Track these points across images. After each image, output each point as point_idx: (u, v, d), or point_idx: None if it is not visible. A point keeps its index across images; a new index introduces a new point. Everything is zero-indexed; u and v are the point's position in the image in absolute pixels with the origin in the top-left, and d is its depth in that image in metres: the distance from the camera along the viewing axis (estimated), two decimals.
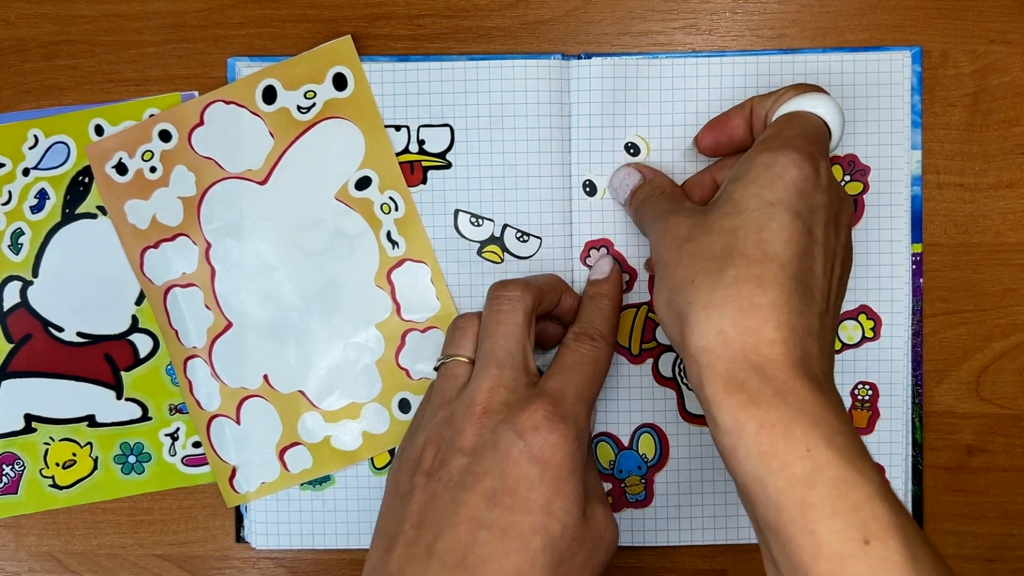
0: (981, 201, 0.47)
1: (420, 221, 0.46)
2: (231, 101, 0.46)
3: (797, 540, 0.30)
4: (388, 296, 0.46)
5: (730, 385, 0.32)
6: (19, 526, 0.48)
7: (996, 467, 0.47)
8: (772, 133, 0.38)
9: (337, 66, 0.46)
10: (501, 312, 0.40)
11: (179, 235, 0.46)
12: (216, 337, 0.46)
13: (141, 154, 0.46)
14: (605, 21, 0.47)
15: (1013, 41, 0.47)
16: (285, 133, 0.46)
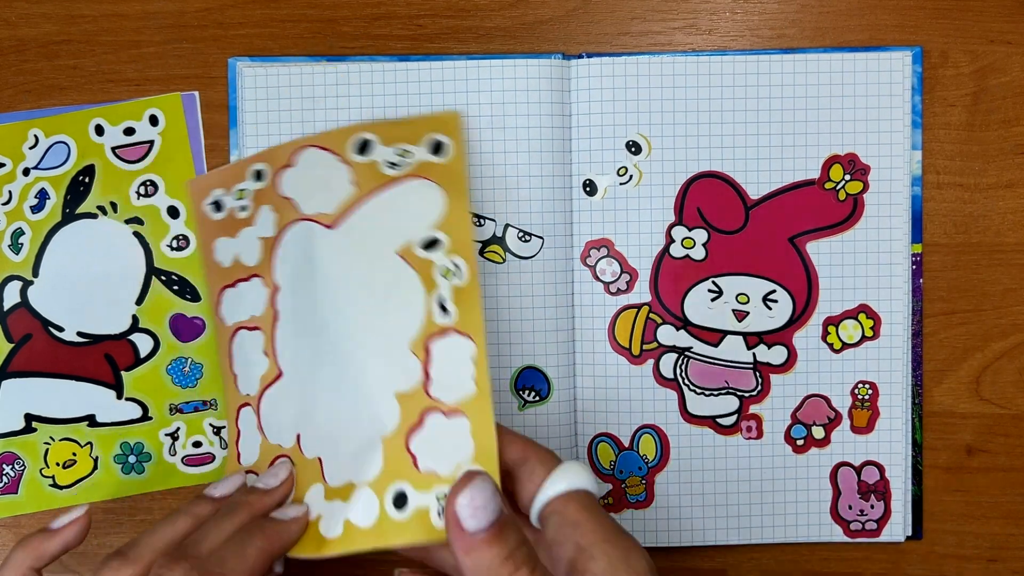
0: (981, 201, 0.47)
1: (480, 296, 0.40)
2: (325, 147, 0.44)
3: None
4: (420, 366, 0.40)
5: None
6: (19, 526, 0.48)
7: (996, 467, 0.47)
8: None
9: (439, 134, 0.43)
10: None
11: (254, 276, 0.44)
12: (267, 386, 0.43)
13: (236, 192, 0.45)
14: (605, 21, 0.47)
15: (1013, 41, 0.47)
16: (368, 184, 0.42)
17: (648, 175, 0.46)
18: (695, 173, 0.46)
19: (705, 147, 0.46)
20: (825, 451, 0.47)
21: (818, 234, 0.46)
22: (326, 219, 0.42)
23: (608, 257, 0.47)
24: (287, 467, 0.41)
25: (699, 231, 0.47)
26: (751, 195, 0.46)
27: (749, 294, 0.47)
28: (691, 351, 0.47)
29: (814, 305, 0.47)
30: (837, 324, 0.47)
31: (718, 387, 0.47)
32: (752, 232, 0.46)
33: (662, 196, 0.46)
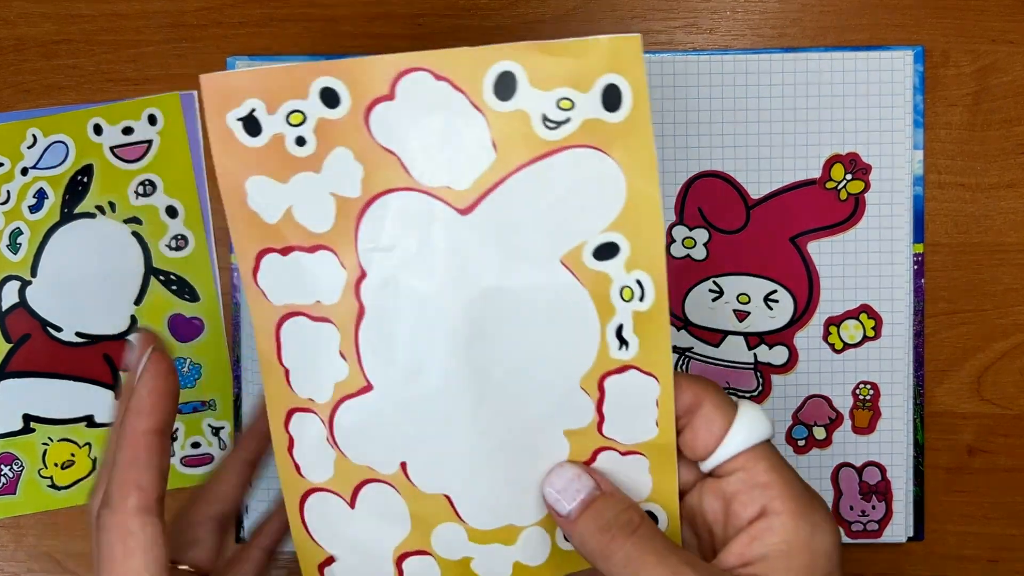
0: (983, 201, 0.47)
1: (668, 322, 0.32)
2: (443, 76, 0.30)
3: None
4: (593, 404, 0.33)
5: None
6: (18, 526, 0.48)
7: (997, 467, 0.47)
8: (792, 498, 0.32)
9: (611, 74, 0.30)
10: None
11: (321, 247, 0.31)
12: (346, 397, 0.33)
13: (288, 114, 0.30)
14: (605, 20, 0.47)
15: (1015, 40, 0.46)
16: (516, 149, 0.30)
17: None
18: (696, 172, 0.46)
19: (706, 146, 0.46)
20: (826, 452, 0.47)
21: (819, 234, 0.46)
22: (457, 199, 0.31)
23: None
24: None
25: (700, 231, 0.46)
26: (752, 195, 0.46)
27: (750, 294, 0.46)
28: (692, 351, 0.47)
29: (815, 305, 0.47)
30: (838, 324, 0.47)
31: None
32: (753, 232, 0.46)
33: (663, 195, 0.46)
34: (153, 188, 0.48)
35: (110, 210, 0.47)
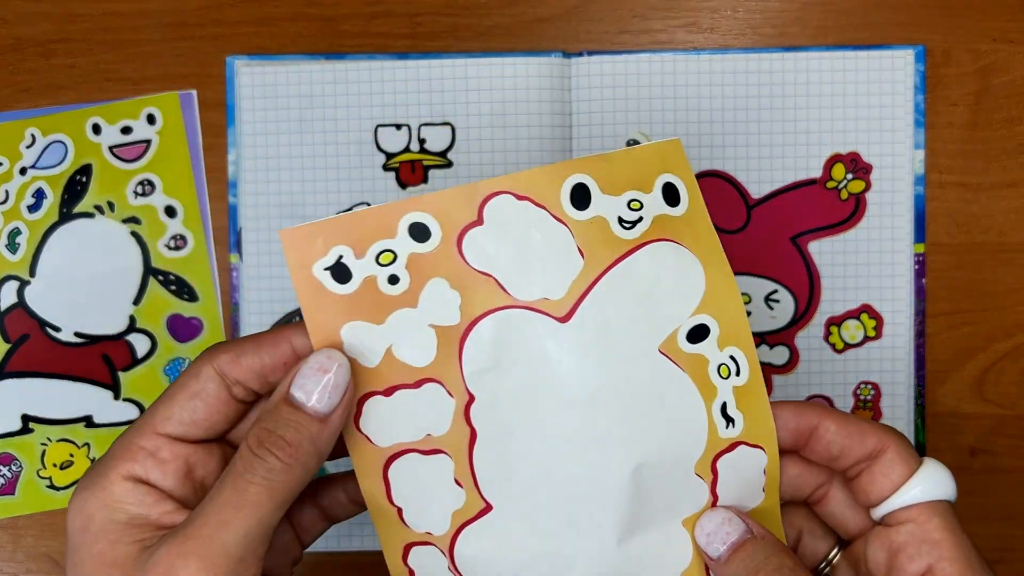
0: (984, 201, 0.47)
1: (765, 390, 0.33)
2: (524, 196, 0.31)
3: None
4: (707, 488, 0.33)
5: None
6: (16, 527, 0.48)
7: (999, 468, 0.47)
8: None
9: (666, 174, 0.33)
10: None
11: (426, 380, 0.31)
12: (465, 524, 0.32)
13: (377, 255, 0.30)
14: (606, 19, 0.47)
15: (1016, 40, 0.46)
16: (600, 253, 0.32)
17: None
18: (696, 172, 0.46)
19: (706, 146, 0.46)
20: None
21: (820, 233, 0.46)
22: (555, 308, 0.31)
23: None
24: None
25: None
26: (753, 194, 0.46)
27: (751, 294, 0.46)
28: None
29: (816, 305, 0.46)
30: (839, 324, 0.46)
31: None
32: (754, 232, 0.46)
33: None
34: (152, 188, 0.48)
35: (109, 210, 0.47)
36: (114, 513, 0.28)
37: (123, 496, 0.29)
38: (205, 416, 0.30)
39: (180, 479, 0.29)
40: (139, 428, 0.30)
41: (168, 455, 0.29)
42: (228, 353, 0.30)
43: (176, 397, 0.30)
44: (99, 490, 0.29)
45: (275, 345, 0.30)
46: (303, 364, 0.29)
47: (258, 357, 0.30)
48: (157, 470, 0.29)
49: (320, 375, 0.29)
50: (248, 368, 0.30)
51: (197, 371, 0.30)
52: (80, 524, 0.28)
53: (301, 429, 0.28)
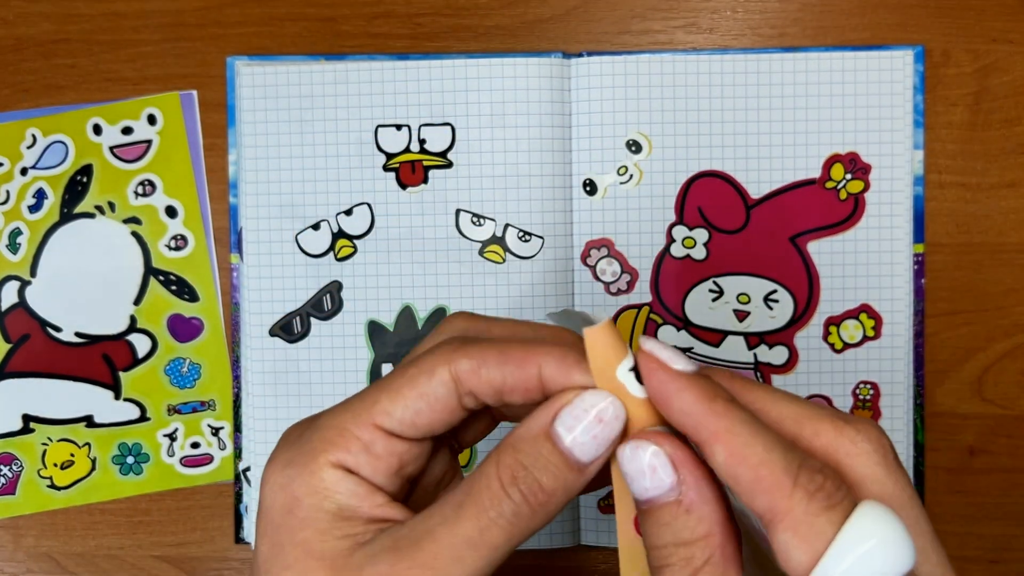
0: (983, 201, 0.47)
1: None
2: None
3: None
4: None
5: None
6: (17, 527, 0.48)
7: (998, 468, 0.47)
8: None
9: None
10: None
11: None
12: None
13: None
14: (606, 20, 0.47)
15: (1015, 40, 0.46)
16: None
17: (648, 174, 0.46)
18: (696, 172, 0.46)
19: (706, 146, 0.46)
20: None
21: (819, 233, 0.46)
22: None
23: (608, 257, 0.46)
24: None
25: (700, 231, 0.46)
26: (752, 194, 0.46)
27: (750, 294, 0.46)
28: (692, 352, 0.47)
29: (815, 305, 0.46)
30: (838, 324, 0.46)
31: None
32: (753, 232, 0.46)
33: (663, 195, 0.46)
34: (152, 188, 0.48)
35: (109, 210, 0.47)
36: (323, 501, 0.26)
37: (333, 484, 0.26)
38: (428, 420, 0.27)
39: (391, 476, 0.27)
40: (356, 415, 0.27)
41: (382, 451, 0.27)
42: (470, 361, 0.26)
43: (403, 392, 0.27)
44: (307, 473, 0.26)
45: (522, 365, 0.26)
46: (577, 400, 0.25)
47: (500, 373, 0.26)
48: (369, 465, 0.27)
49: (595, 423, 0.25)
50: (487, 382, 0.27)
51: (431, 369, 0.27)
52: (283, 503, 0.26)
53: (559, 476, 0.25)
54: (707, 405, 0.24)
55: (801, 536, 0.22)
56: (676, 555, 0.24)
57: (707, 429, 0.23)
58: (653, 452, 0.24)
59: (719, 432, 0.23)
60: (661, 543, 0.24)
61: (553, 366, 0.26)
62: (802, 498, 0.22)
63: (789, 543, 0.22)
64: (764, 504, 0.22)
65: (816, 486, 0.23)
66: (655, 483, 0.24)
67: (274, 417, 0.47)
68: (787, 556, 0.22)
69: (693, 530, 0.24)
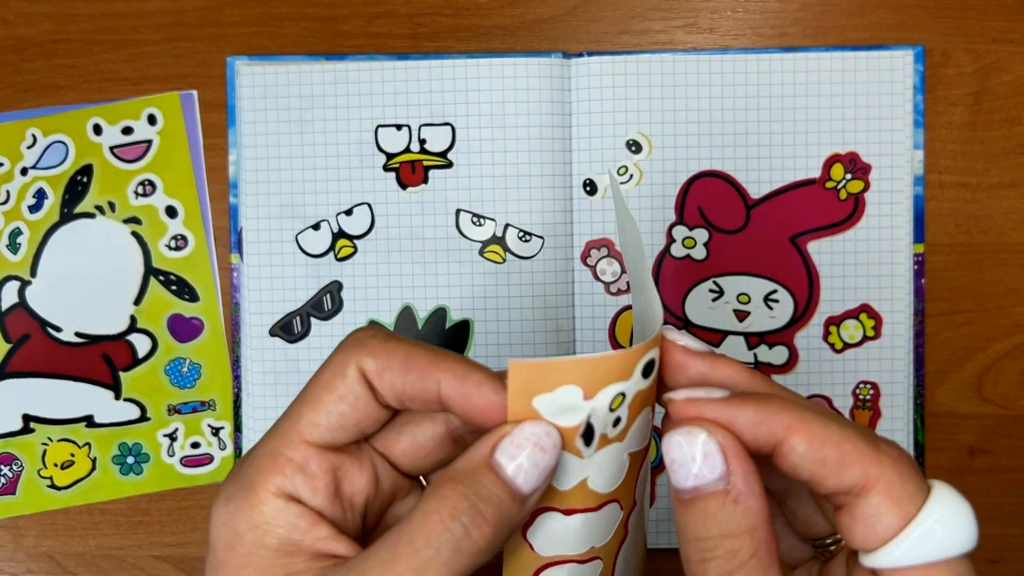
0: (983, 201, 0.47)
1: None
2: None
3: None
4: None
5: None
6: (17, 527, 0.48)
7: (998, 468, 0.47)
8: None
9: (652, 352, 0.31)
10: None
11: (609, 502, 0.30)
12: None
13: (610, 399, 0.27)
14: (606, 19, 0.47)
15: (1015, 40, 0.46)
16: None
17: (648, 174, 0.46)
18: (696, 172, 0.46)
19: (706, 146, 0.46)
20: None
21: (819, 233, 0.46)
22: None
23: (608, 257, 0.46)
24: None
25: (700, 231, 0.46)
26: (752, 194, 0.46)
27: (750, 294, 0.46)
28: None
29: (815, 305, 0.46)
30: (838, 324, 0.46)
31: None
32: (753, 232, 0.46)
33: (663, 195, 0.46)
34: (153, 188, 0.48)
35: (110, 210, 0.47)
36: (264, 536, 0.26)
37: (274, 517, 0.26)
38: (354, 421, 0.27)
39: (330, 497, 0.27)
40: (285, 435, 0.27)
41: (316, 468, 0.27)
42: (374, 360, 0.27)
43: (323, 399, 0.27)
44: (247, 507, 0.26)
45: (422, 380, 0.26)
46: (516, 431, 0.25)
47: (401, 382, 0.27)
48: (307, 486, 0.26)
49: (534, 450, 0.25)
50: (389, 386, 0.27)
51: (343, 370, 0.27)
52: (226, 541, 0.26)
53: (503, 508, 0.25)
54: (768, 408, 0.24)
55: (894, 498, 0.23)
56: (722, 547, 0.24)
57: (782, 424, 0.24)
58: (706, 439, 0.24)
59: (793, 424, 0.24)
60: (705, 535, 0.24)
61: (451, 385, 0.26)
62: (891, 464, 0.23)
63: (881, 506, 0.23)
64: (855, 475, 0.23)
65: (897, 454, 0.24)
66: (705, 471, 0.24)
67: (274, 417, 0.47)
68: (876, 520, 0.23)
69: (740, 522, 0.24)
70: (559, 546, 0.30)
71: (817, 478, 0.24)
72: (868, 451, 0.24)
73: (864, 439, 0.24)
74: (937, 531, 0.23)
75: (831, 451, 0.24)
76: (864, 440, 0.24)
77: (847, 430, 0.24)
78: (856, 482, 0.24)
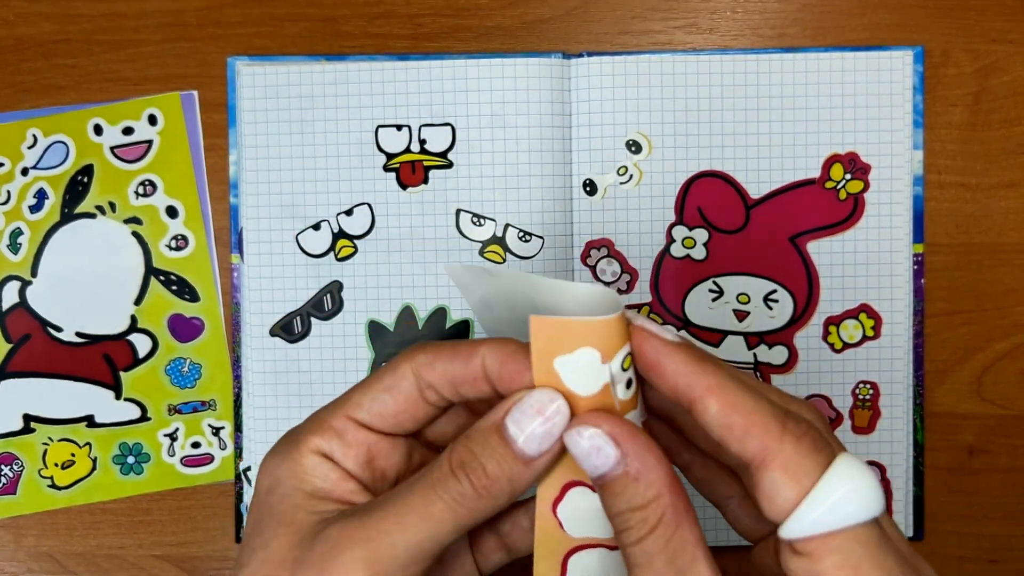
0: (983, 201, 0.47)
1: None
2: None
3: None
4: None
5: None
6: (18, 526, 0.48)
7: (997, 468, 0.47)
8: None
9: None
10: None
11: None
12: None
13: (623, 359, 0.28)
14: (606, 20, 0.47)
15: (1015, 40, 0.46)
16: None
17: (648, 174, 0.46)
18: (695, 172, 0.46)
19: (706, 146, 0.46)
20: None
21: (819, 233, 0.46)
22: None
23: (608, 257, 0.46)
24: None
25: (700, 231, 0.46)
26: (752, 194, 0.46)
27: (750, 294, 0.46)
28: None
29: (815, 305, 0.47)
30: (838, 324, 0.46)
31: None
32: (753, 232, 0.46)
33: (662, 196, 0.46)
34: (153, 188, 0.48)
35: (110, 210, 0.47)
36: (301, 482, 0.29)
37: (312, 469, 0.30)
38: (393, 412, 0.30)
39: (361, 464, 0.30)
40: (333, 408, 0.30)
41: (352, 439, 0.30)
42: (426, 355, 0.30)
43: (371, 387, 0.30)
44: (289, 459, 0.30)
45: (468, 359, 0.29)
46: (524, 397, 0.28)
47: (452, 366, 0.29)
48: (340, 450, 0.30)
49: (537, 416, 0.28)
50: (442, 375, 0.29)
51: (396, 366, 0.30)
52: (268, 484, 0.30)
53: (504, 465, 0.28)
54: (697, 365, 0.26)
55: (790, 474, 0.25)
56: (633, 519, 0.26)
57: (700, 384, 0.26)
58: (593, 433, 0.27)
59: (712, 387, 0.26)
60: (617, 510, 0.27)
61: (492, 357, 0.29)
62: (791, 441, 0.25)
63: (778, 480, 0.25)
64: (756, 447, 0.25)
65: (802, 431, 0.25)
66: (601, 460, 0.27)
67: (274, 417, 0.47)
68: (775, 494, 0.25)
69: (643, 495, 0.26)
70: (588, 526, 0.30)
71: (724, 443, 0.26)
72: (773, 425, 0.25)
73: (774, 414, 0.26)
74: (834, 502, 0.24)
75: (738, 419, 0.26)
76: (773, 415, 0.26)
77: (760, 403, 0.26)
78: (756, 454, 0.25)
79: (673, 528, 0.26)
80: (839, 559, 0.25)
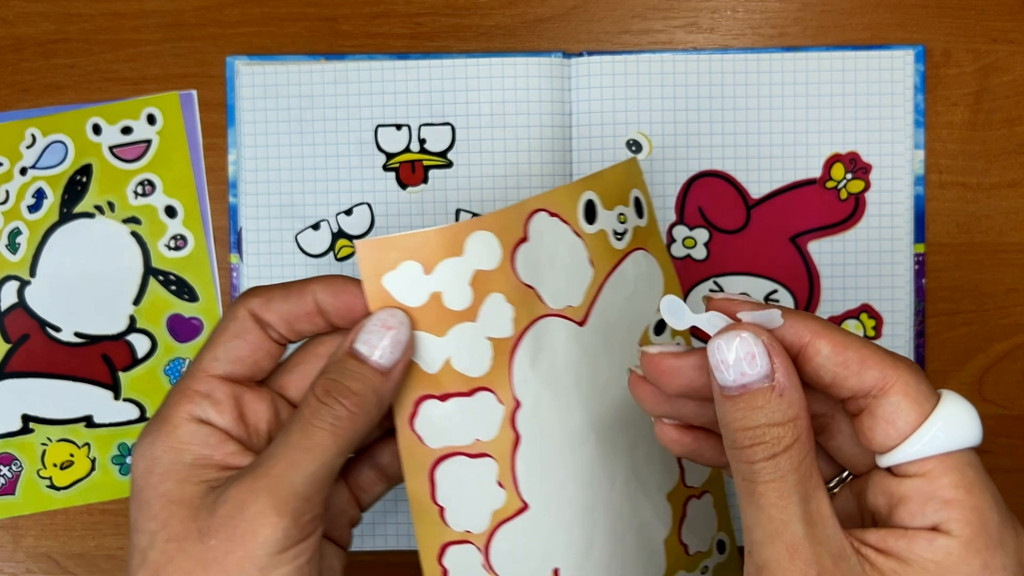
0: (984, 201, 0.47)
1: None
2: (554, 213, 0.34)
3: None
4: (675, 460, 0.39)
5: None
6: (16, 527, 0.48)
7: (998, 468, 0.47)
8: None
9: (634, 189, 0.38)
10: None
11: (480, 389, 0.33)
12: (503, 522, 0.34)
13: (446, 272, 0.31)
14: (606, 19, 0.47)
15: (1016, 40, 0.46)
16: (602, 263, 0.36)
17: (648, 174, 0.46)
18: (696, 172, 0.46)
19: (706, 146, 0.46)
20: None
21: (820, 233, 0.46)
22: (576, 314, 0.35)
23: None
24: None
25: (700, 230, 0.46)
26: (752, 194, 0.46)
27: (750, 294, 0.46)
28: None
29: (816, 305, 0.46)
30: (839, 324, 0.46)
31: None
32: (753, 231, 0.46)
33: (663, 195, 0.46)
34: (152, 188, 0.48)
35: (109, 210, 0.47)
36: (180, 455, 0.30)
37: (188, 437, 0.30)
38: (248, 353, 0.32)
39: (235, 419, 0.31)
40: (191, 374, 0.31)
41: (221, 395, 0.31)
42: (259, 298, 0.32)
43: (219, 339, 0.31)
44: (164, 434, 0.30)
45: (300, 296, 0.31)
46: (368, 320, 0.30)
47: (285, 305, 0.31)
48: (213, 410, 0.31)
49: (383, 331, 0.30)
50: (276, 313, 0.31)
51: (234, 314, 0.32)
52: (145, 467, 0.30)
53: (365, 380, 0.30)
54: (800, 316, 0.28)
55: (912, 398, 0.27)
56: (769, 434, 0.27)
57: (808, 329, 0.28)
58: (752, 340, 0.27)
59: (820, 331, 0.28)
60: (753, 424, 0.27)
61: (323, 291, 0.31)
62: (907, 369, 0.27)
63: (901, 404, 0.27)
64: (874, 376, 0.27)
65: (910, 362, 0.28)
66: (754, 369, 0.27)
67: None
68: (896, 417, 0.27)
69: (784, 412, 0.27)
70: (443, 435, 0.33)
71: (839, 379, 0.28)
72: (885, 356, 0.27)
73: (882, 349, 0.28)
74: (953, 423, 0.27)
75: (852, 354, 0.27)
76: (882, 350, 0.28)
77: (865, 340, 0.28)
78: (875, 383, 0.27)
79: (807, 450, 0.27)
80: (955, 478, 0.26)
